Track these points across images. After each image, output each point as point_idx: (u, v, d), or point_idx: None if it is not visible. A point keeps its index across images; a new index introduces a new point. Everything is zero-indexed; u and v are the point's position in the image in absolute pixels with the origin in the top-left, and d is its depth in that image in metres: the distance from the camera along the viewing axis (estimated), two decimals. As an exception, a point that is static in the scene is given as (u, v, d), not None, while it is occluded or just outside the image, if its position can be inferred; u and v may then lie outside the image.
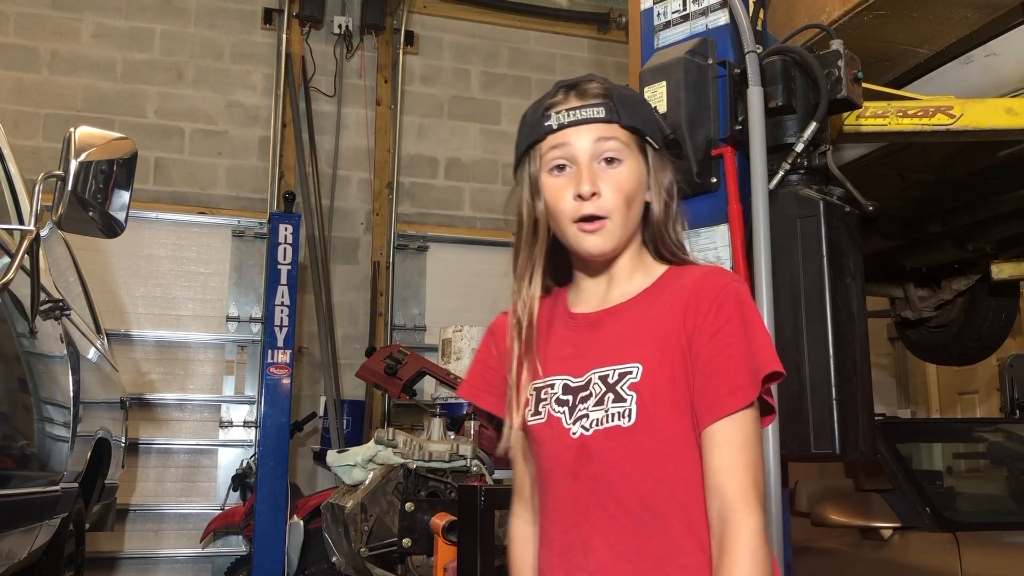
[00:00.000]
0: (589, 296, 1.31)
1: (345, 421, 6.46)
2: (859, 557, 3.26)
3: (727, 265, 2.18)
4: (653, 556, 1.15)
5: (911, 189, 3.39)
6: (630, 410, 1.16)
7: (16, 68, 6.53)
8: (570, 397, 1.21)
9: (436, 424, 4.34)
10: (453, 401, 5.26)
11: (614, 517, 1.16)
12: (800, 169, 2.16)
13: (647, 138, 1.27)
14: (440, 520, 3.23)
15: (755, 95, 2.13)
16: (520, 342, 1.27)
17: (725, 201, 2.19)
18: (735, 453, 1.14)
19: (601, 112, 1.24)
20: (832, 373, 1.98)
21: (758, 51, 2.18)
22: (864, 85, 2.25)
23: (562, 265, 1.35)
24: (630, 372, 1.18)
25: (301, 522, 5.51)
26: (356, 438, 6.32)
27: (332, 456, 4.34)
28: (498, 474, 3.98)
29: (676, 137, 2.18)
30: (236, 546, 6.32)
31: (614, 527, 1.16)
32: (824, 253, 2.03)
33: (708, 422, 1.16)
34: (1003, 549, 3.03)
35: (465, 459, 4.02)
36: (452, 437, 4.30)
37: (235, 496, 6.21)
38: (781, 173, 2.14)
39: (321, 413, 6.49)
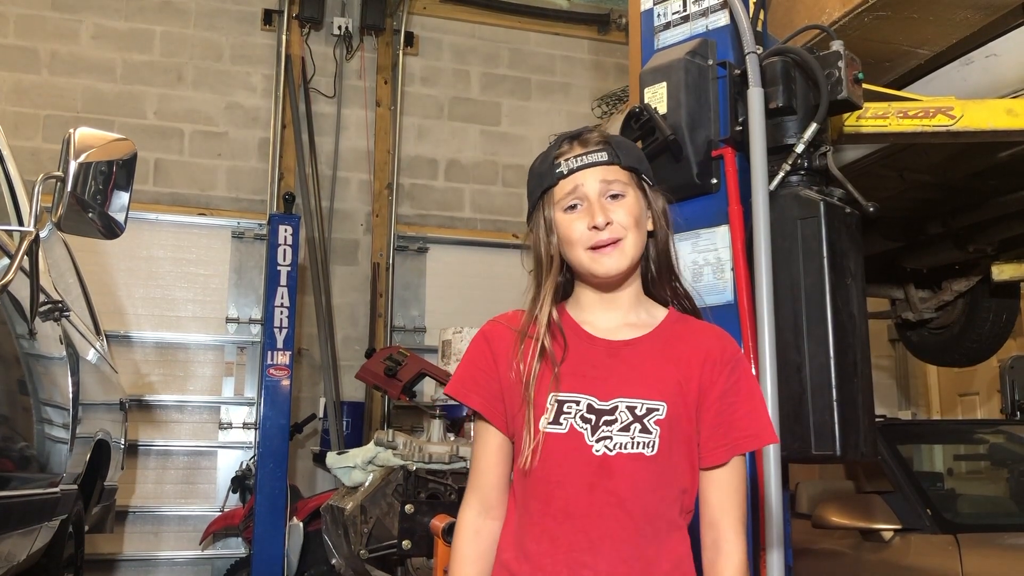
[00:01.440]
0: (594, 317, 1.47)
1: (345, 423, 6.45)
2: (860, 559, 3.26)
3: (727, 266, 2.18)
4: (647, 561, 1.35)
5: (912, 190, 3.39)
6: (654, 442, 1.36)
7: (16, 69, 6.53)
8: (593, 417, 1.38)
9: (436, 426, 4.34)
10: (453, 403, 5.26)
11: (624, 527, 1.34)
12: (801, 170, 2.15)
13: (643, 176, 1.48)
14: (440, 522, 3.22)
15: (755, 96, 2.12)
16: (539, 356, 1.42)
17: (725, 202, 2.19)
18: (732, 493, 1.41)
19: (604, 156, 1.45)
20: (833, 374, 1.98)
21: (758, 52, 2.18)
22: (864, 86, 2.24)
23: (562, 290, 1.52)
24: (657, 410, 1.38)
25: (301, 524, 5.51)
26: (356, 440, 6.32)
27: (332, 458, 4.33)
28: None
29: (676, 138, 2.18)
30: (236, 548, 6.32)
31: (622, 535, 1.34)
32: (825, 254, 2.03)
33: (714, 462, 1.40)
34: (1004, 551, 3.02)
35: (465, 461, 4.01)
36: (452, 439, 4.29)
37: (235, 498, 6.21)
38: (781, 174, 2.14)
39: (321, 415, 6.49)
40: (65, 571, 3.42)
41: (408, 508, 3.69)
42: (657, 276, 1.49)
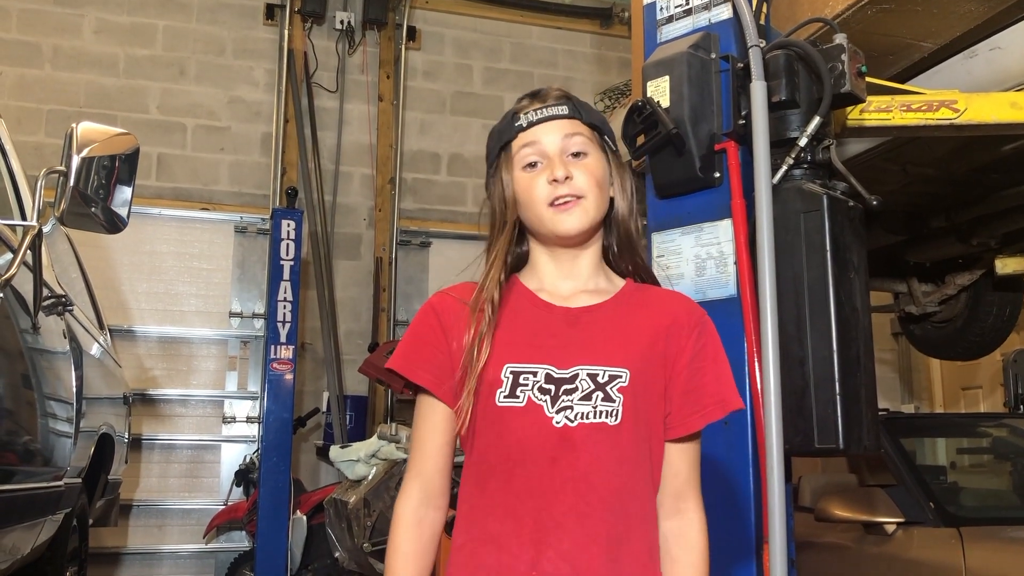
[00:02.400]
0: (551, 285, 1.39)
1: (348, 416, 6.46)
2: (863, 552, 3.26)
3: (730, 260, 2.18)
4: (615, 539, 1.27)
5: (915, 184, 3.39)
6: (617, 410, 1.28)
7: (19, 64, 6.53)
8: (552, 387, 1.29)
9: (439, 420, 4.34)
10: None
11: (588, 503, 1.26)
12: (804, 164, 2.15)
13: (606, 138, 1.41)
14: (443, 515, 3.22)
15: (758, 89, 2.12)
16: (486, 320, 1.33)
17: (728, 196, 2.19)
18: (695, 462, 1.37)
19: (565, 110, 1.37)
20: (836, 368, 1.98)
21: (761, 45, 2.17)
22: (868, 79, 2.24)
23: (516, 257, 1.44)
24: (619, 376, 1.29)
25: (304, 517, 5.52)
26: (359, 434, 6.32)
27: (335, 451, 4.35)
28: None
29: (679, 132, 2.17)
30: (239, 542, 6.33)
31: (587, 511, 1.26)
32: (828, 248, 2.02)
33: (686, 431, 1.34)
34: (1007, 544, 3.02)
35: (468, 455, 4.02)
36: (455, 433, 4.29)
37: (238, 492, 6.22)
38: (784, 168, 2.13)
39: (324, 409, 6.50)
40: (69, 564, 3.43)
41: (411, 502, 3.69)
42: (618, 249, 1.41)
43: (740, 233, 2.15)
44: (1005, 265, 3.85)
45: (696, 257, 2.26)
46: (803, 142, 2.12)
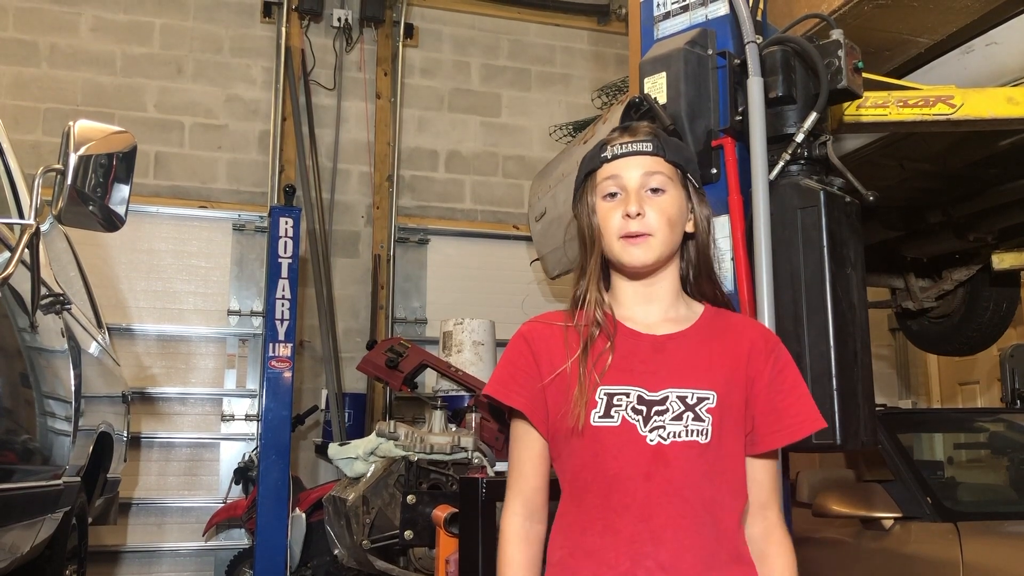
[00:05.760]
0: (634, 313, 1.47)
1: (347, 414, 6.47)
2: (860, 547, 3.27)
3: (727, 256, 2.18)
4: (710, 550, 1.35)
5: (912, 179, 3.39)
6: (707, 429, 1.37)
7: (15, 62, 6.52)
8: (644, 408, 1.38)
9: (437, 417, 4.35)
10: (454, 394, 5.27)
11: (683, 515, 1.35)
12: (800, 159, 2.15)
13: (689, 175, 1.48)
14: (442, 512, 3.23)
15: (755, 85, 2.12)
16: (600, 333, 1.43)
17: (725, 192, 2.19)
18: (775, 476, 1.48)
19: (649, 147, 1.45)
20: (833, 363, 1.98)
21: (758, 41, 2.17)
22: (864, 75, 2.24)
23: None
24: (707, 398, 1.39)
25: (303, 515, 5.53)
26: (358, 431, 6.33)
27: (334, 449, 4.34)
28: (499, 466, 3.99)
29: (676, 128, 2.18)
30: (239, 539, 6.34)
31: (683, 524, 1.34)
32: (825, 244, 2.03)
33: (769, 447, 1.44)
34: (1004, 539, 3.03)
35: (466, 451, 4.02)
36: (453, 429, 4.30)
37: (237, 489, 6.23)
38: (781, 163, 2.14)
39: (323, 406, 6.50)
40: (69, 563, 3.43)
41: (410, 499, 3.70)
42: (695, 279, 1.51)
43: (737, 229, 2.15)
44: (1002, 260, 3.85)
45: (693, 253, 2.26)
46: (800, 138, 2.12)
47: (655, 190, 1.43)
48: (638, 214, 1.40)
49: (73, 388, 3.08)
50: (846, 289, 2.04)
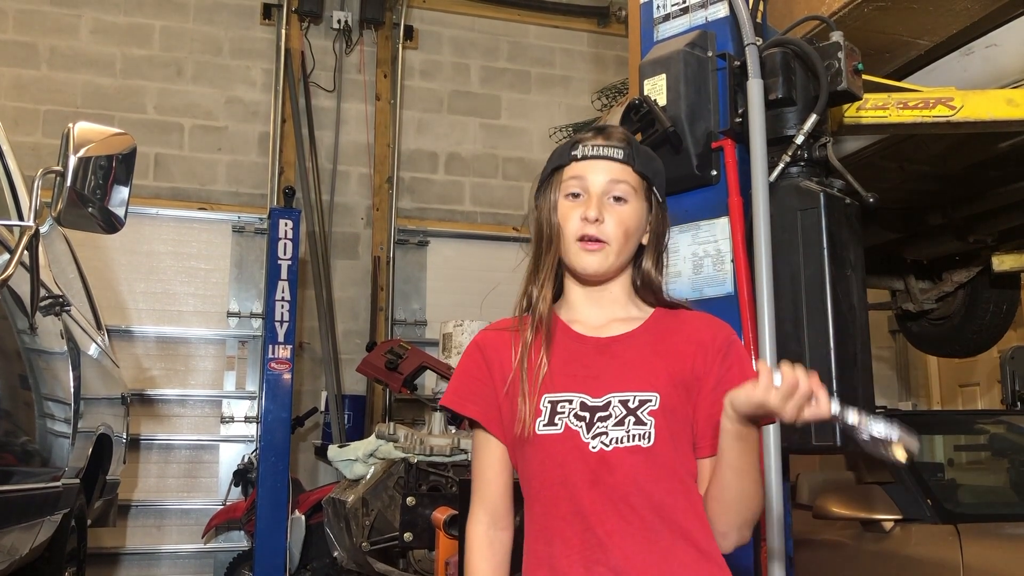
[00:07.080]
0: (584, 316, 1.46)
1: (346, 416, 6.47)
2: (860, 549, 3.27)
3: (727, 258, 2.18)
4: (663, 554, 1.33)
5: (912, 181, 3.39)
6: (650, 433, 1.35)
7: (15, 64, 6.53)
8: (587, 414, 1.37)
9: (437, 418, 4.35)
10: (454, 396, 5.25)
11: (629, 521, 1.33)
12: (800, 161, 2.15)
13: (654, 188, 1.46)
14: (441, 514, 3.23)
15: (755, 87, 2.12)
16: (539, 334, 1.42)
17: (725, 194, 2.19)
18: None
19: (620, 154, 1.43)
20: (833, 365, 1.98)
21: (758, 43, 2.18)
22: (864, 77, 2.24)
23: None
24: (649, 400, 1.36)
25: (303, 517, 5.52)
26: (357, 433, 6.33)
27: (333, 451, 4.35)
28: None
29: (676, 130, 2.18)
30: (238, 541, 6.33)
31: (629, 530, 1.33)
32: (825, 245, 2.03)
33: (707, 453, 1.37)
34: (1004, 541, 3.03)
35: (466, 453, 4.02)
36: (453, 431, 4.30)
37: (237, 491, 6.22)
38: (781, 165, 2.14)
39: (322, 408, 6.50)
40: (68, 565, 3.43)
41: (409, 500, 3.70)
42: (641, 288, 1.48)
43: (737, 231, 2.15)
44: (1002, 262, 3.85)
45: (693, 255, 2.26)
46: (800, 140, 2.12)
47: (618, 198, 1.41)
48: (596, 220, 1.39)
49: (72, 390, 3.08)
50: (846, 291, 2.04)
